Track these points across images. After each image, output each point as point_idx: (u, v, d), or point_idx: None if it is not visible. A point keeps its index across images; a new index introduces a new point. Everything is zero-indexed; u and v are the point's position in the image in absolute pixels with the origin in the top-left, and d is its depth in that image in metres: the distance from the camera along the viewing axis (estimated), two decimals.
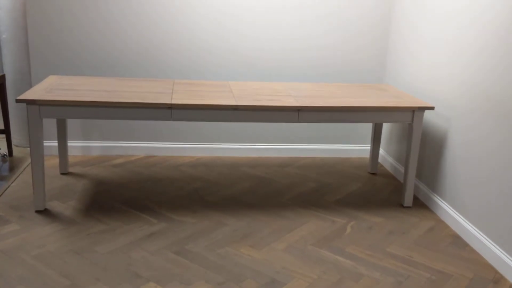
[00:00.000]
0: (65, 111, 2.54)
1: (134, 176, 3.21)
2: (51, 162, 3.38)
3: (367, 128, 3.78)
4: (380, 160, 3.72)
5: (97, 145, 3.59)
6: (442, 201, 2.82)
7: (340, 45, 3.57)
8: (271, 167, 3.50)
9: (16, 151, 3.60)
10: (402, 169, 3.35)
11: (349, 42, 3.58)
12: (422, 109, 2.76)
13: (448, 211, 2.74)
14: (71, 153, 3.56)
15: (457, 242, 2.54)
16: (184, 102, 2.58)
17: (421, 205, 2.98)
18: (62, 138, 3.14)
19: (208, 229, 2.55)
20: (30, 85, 3.57)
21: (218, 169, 3.41)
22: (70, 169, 3.29)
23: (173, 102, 2.57)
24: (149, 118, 2.61)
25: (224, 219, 2.67)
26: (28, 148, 3.66)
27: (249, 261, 2.26)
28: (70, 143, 3.55)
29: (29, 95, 2.55)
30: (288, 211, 2.81)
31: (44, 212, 2.65)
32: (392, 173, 3.49)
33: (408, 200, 2.92)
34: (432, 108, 2.75)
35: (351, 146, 3.80)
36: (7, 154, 3.49)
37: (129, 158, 3.56)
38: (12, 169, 3.28)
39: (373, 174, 3.47)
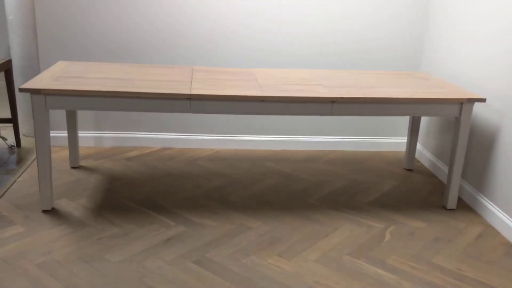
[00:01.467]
0: (73, 102, 2.29)
1: (150, 171, 2.97)
2: (61, 155, 3.15)
3: (400, 119, 3.47)
4: (416, 155, 3.41)
5: (110, 136, 3.35)
6: (491, 203, 2.53)
7: (372, 28, 3.26)
8: (296, 162, 3.23)
9: (24, 142, 3.38)
10: (441, 166, 3.04)
11: (382, 25, 3.26)
12: (472, 101, 2.45)
13: (499, 215, 2.44)
14: (82, 144, 3.33)
15: None
16: (205, 92, 2.31)
17: (465, 207, 2.69)
18: (72, 129, 2.90)
19: (231, 234, 2.29)
20: (39, 71, 3.33)
21: (239, 164, 3.15)
22: (81, 162, 3.05)
23: (193, 92, 2.30)
24: (165, 110, 2.34)
25: (248, 222, 2.42)
26: None
27: (278, 274, 2.01)
28: (82, 134, 3.31)
29: (33, 83, 2.30)
30: (318, 213, 2.54)
31: (52, 212, 2.42)
32: (431, 170, 3.19)
33: (452, 202, 2.63)
34: (483, 100, 2.43)
35: (383, 138, 3.50)
36: (15, 145, 3.27)
37: (144, 151, 3.31)
38: (19, 161, 3.05)
39: (409, 170, 3.17)
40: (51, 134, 3.30)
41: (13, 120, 3.24)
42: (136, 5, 3.10)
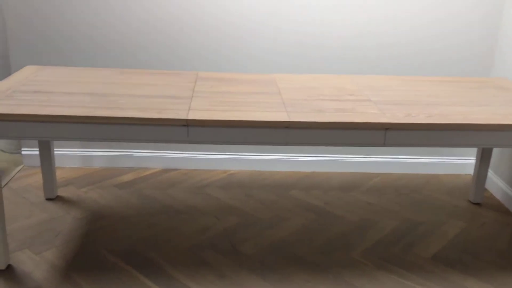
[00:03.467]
0: (24, 130, 1.66)
1: (144, 205, 2.34)
2: (37, 180, 2.55)
3: None
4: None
5: (101, 154, 2.73)
6: None
7: (426, 21, 2.53)
8: (330, 191, 2.55)
9: (1, 158, 2.81)
10: None
11: (445, 18, 2.53)
12: None
13: None
14: (66, 164, 2.72)
15: None
16: (206, 116, 1.65)
17: None
18: (45, 148, 2.28)
19: None
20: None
21: (258, 193, 2.49)
22: (60, 191, 2.44)
23: (190, 116, 1.65)
24: (153, 140, 1.70)
25: None
26: (17, 155, 2.85)
27: None
28: (65, 152, 2.70)
29: None
30: (363, 276, 1.87)
31: (6, 273, 1.81)
32: (504, 204, 2.47)
33: None
34: None
35: (442, 159, 2.78)
36: None
37: (141, 173, 2.68)
38: None
39: (476, 204, 2.46)
40: (24, 152, 2.71)
41: None
42: None
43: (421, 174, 2.77)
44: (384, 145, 1.72)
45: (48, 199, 2.36)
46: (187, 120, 1.64)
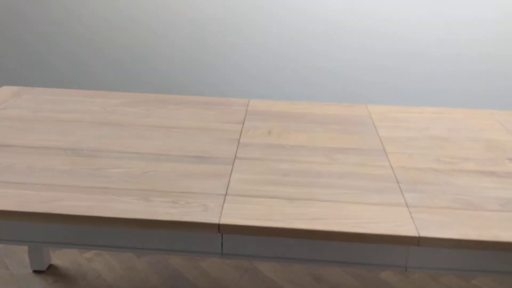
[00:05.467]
0: None
1: None
2: None
3: None
4: None
5: None
6: None
7: None
8: (446, 279, 1.72)
9: None
10: None
11: None
12: None
13: None
14: None
15: None
16: (257, 220, 0.87)
17: None
18: None
19: None
20: None
21: (332, 275, 1.70)
22: (55, 257, 1.76)
23: (225, 219, 0.88)
24: (163, 251, 0.96)
25: None
26: None
27: None
28: None
29: None
30: None
31: None
32: None
33: None
34: None
35: None
36: None
37: None
38: None
39: None
40: None
41: None
42: None
43: None
44: None
45: (36, 272, 1.69)
46: (219, 225, 0.87)
